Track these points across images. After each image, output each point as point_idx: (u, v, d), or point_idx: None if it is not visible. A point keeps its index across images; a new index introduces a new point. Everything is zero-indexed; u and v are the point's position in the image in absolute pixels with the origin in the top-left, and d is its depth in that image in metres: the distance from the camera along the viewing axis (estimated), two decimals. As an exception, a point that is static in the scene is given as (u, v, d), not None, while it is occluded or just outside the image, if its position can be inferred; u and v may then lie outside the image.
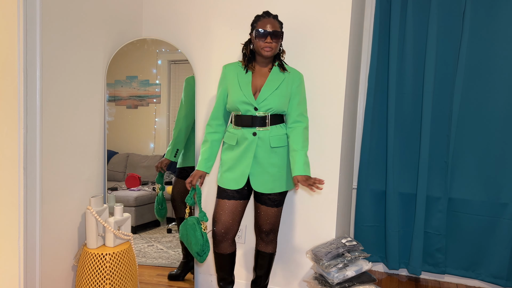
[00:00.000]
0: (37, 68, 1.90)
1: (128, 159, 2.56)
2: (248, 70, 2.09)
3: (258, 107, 2.04)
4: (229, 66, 2.15)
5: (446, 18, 2.69)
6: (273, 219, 2.16)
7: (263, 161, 2.05)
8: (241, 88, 2.05)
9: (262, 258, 2.24)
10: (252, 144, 2.04)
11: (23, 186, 1.85)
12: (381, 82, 2.88)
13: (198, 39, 2.54)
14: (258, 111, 2.04)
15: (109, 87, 2.42)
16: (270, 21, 2.02)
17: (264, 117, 2.05)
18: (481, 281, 2.80)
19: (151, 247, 2.66)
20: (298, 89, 2.10)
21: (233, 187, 2.07)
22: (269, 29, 2.00)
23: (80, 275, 2.11)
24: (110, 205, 2.38)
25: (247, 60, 2.11)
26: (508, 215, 2.65)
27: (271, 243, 2.22)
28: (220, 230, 2.08)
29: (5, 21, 1.78)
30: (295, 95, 2.09)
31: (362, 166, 2.93)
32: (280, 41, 2.05)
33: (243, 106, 2.04)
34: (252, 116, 2.05)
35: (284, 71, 2.09)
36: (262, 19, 2.04)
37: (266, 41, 2.00)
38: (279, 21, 2.07)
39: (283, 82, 2.06)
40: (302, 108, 2.11)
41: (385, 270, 3.06)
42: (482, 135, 2.70)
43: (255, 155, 2.05)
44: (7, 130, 1.82)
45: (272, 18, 2.05)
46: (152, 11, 2.65)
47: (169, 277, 2.56)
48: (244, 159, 2.05)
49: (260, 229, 2.18)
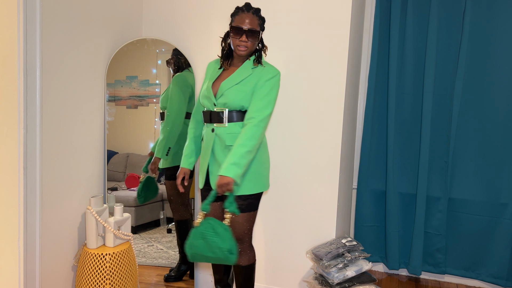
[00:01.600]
0: (37, 68, 1.90)
1: (128, 159, 2.56)
2: (221, 67, 1.98)
3: (216, 102, 1.92)
4: (211, 63, 2.09)
5: (446, 18, 2.69)
6: (240, 226, 1.94)
7: (220, 159, 1.89)
8: (207, 84, 1.98)
9: (237, 270, 2.06)
10: (210, 141, 1.93)
11: (23, 186, 1.85)
12: (381, 82, 2.88)
13: (198, 39, 2.54)
14: (216, 107, 1.92)
15: (109, 87, 2.42)
16: (249, 17, 1.85)
17: (221, 113, 1.91)
18: (481, 281, 2.80)
19: (151, 247, 2.66)
20: (265, 84, 1.87)
21: (200, 185, 2.02)
22: (245, 27, 1.84)
23: (80, 275, 2.11)
24: (110, 205, 2.38)
25: (225, 56, 1.97)
26: (508, 215, 2.65)
27: (243, 255, 2.00)
28: None
29: (5, 21, 1.78)
30: (259, 89, 1.87)
31: (362, 166, 2.93)
32: (256, 40, 1.89)
33: (205, 102, 1.96)
34: (211, 111, 1.94)
35: (257, 65, 1.91)
36: (241, 14, 1.86)
37: (241, 39, 1.85)
38: (259, 16, 1.90)
39: (249, 77, 1.89)
40: (262, 103, 1.86)
41: (385, 270, 3.06)
42: (482, 135, 2.70)
43: (212, 152, 1.92)
44: (7, 130, 1.82)
45: (252, 13, 1.87)
46: (152, 11, 2.65)
47: (166, 278, 2.56)
48: (205, 156, 1.97)
49: None
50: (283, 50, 2.39)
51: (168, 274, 2.56)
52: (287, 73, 2.39)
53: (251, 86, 1.89)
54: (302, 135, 2.39)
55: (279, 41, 2.39)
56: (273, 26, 2.39)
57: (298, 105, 2.39)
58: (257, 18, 1.89)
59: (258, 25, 1.90)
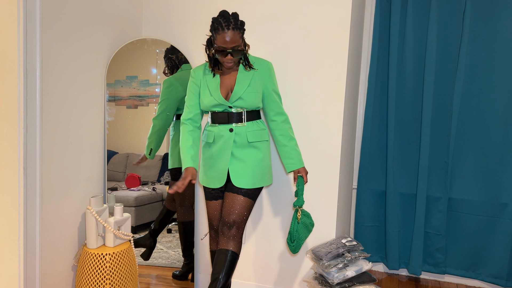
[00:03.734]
0: (37, 68, 1.90)
1: (128, 159, 2.56)
2: (215, 74, 2.05)
3: (232, 105, 2.02)
4: (196, 71, 2.09)
5: (446, 18, 2.69)
6: (240, 208, 2.00)
7: (241, 157, 2.02)
8: (211, 94, 2.01)
9: (221, 257, 1.95)
10: (228, 140, 2.02)
11: (23, 186, 1.85)
12: (381, 82, 2.88)
13: (198, 39, 2.54)
14: (233, 108, 2.03)
15: (109, 87, 2.42)
16: (229, 35, 1.86)
17: (240, 113, 2.02)
18: (481, 281, 2.80)
19: (151, 247, 2.66)
20: (269, 80, 2.06)
21: (216, 185, 2.06)
22: (229, 46, 1.88)
23: (80, 275, 2.11)
24: (110, 205, 2.38)
25: (213, 63, 2.02)
26: (508, 215, 2.65)
27: (233, 240, 1.98)
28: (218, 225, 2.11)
29: (5, 21, 1.78)
30: (270, 85, 2.06)
31: (362, 166, 2.93)
32: (241, 52, 1.95)
33: (217, 108, 2.03)
34: (228, 113, 2.03)
35: (251, 69, 2.03)
36: (221, 33, 1.86)
37: (226, 57, 1.92)
38: (239, 27, 1.89)
39: (253, 77, 2.02)
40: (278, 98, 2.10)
41: (385, 270, 3.06)
42: (482, 135, 2.70)
43: (232, 151, 2.02)
44: (7, 130, 1.82)
45: (232, 29, 1.86)
46: (152, 11, 2.65)
47: (173, 276, 2.58)
48: (222, 156, 2.03)
49: (223, 221, 2.00)
50: (283, 50, 2.39)
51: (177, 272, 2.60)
52: (287, 73, 2.39)
53: (259, 85, 2.04)
54: (302, 135, 2.39)
55: (279, 41, 2.39)
56: (273, 26, 2.39)
57: (298, 105, 2.39)
58: (237, 32, 1.89)
59: (240, 37, 1.92)
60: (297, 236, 2.06)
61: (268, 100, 2.08)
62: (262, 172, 2.07)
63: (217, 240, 2.13)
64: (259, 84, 2.03)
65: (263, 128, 2.10)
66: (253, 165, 2.04)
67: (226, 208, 2.03)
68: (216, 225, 2.13)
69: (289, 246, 2.09)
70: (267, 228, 2.52)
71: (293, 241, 2.06)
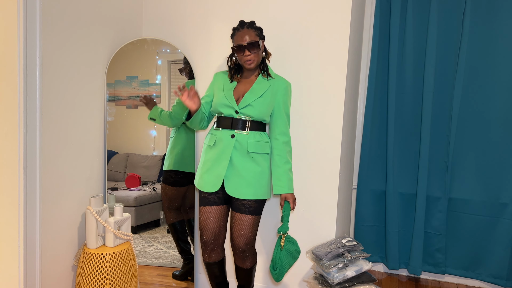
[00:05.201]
0: (37, 68, 1.90)
1: (128, 159, 2.56)
2: (233, 80, 2.09)
3: (240, 111, 2.01)
4: (219, 74, 2.18)
5: (446, 18, 2.69)
6: (247, 229, 2.03)
7: (238, 165, 2.00)
8: (225, 93, 2.05)
9: (241, 272, 2.16)
10: (228, 146, 2.00)
11: (23, 186, 1.85)
12: (381, 82, 2.88)
13: (198, 39, 2.55)
14: (239, 114, 2.02)
15: (109, 87, 2.42)
16: (245, 33, 1.98)
17: (244, 121, 2.02)
18: (481, 281, 2.81)
19: (151, 247, 2.66)
20: (283, 99, 2.06)
21: (210, 189, 2.02)
22: (244, 42, 1.97)
23: (80, 275, 2.11)
24: (110, 205, 2.38)
25: (233, 72, 2.11)
26: (508, 215, 2.65)
27: (247, 259, 2.11)
28: (210, 238, 2.05)
29: (5, 21, 1.78)
30: (282, 103, 2.06)
31: (362, 166, 2.93)
32: (259, 50, 2.01)
33: (225, 109, 2.04)
34: (233, 118, 2.03)
35: (269, 77, 2.07)
36: (237, 33, 2.01)
37: (244, 54, 1.98)
38: (255, 28, 2.02)
39: (268, 90, 2.03)
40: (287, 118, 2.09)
41: (385, 270, 3.06)
42: (482, 135, 2.70)
43: (231, 157, 2.00)
44: (7, 130, 1.82)
45: (247, 28, 2.00)
46: (152, 11, 2.65)
47: (173, 276, 2.58)
48: (221, 161, 2.01)
49: (234, 245, 2.06)
50: (283, 50, 2.39)
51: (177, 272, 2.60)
52: (287, 74, 2.39)
53: (271, 100, 2.04)
54: (302, 135, 2.39)
55: (279, 41, 2.39)
56: (273, 26, 2.39)
57: (298, 105, 2.39)
58: (253, 30, 2.00)
59: (256, 35, 2.01)
60: (279, 264, 2.01)
61: (276, 117, 2.07)
62: (258, 184, 2.02)
63: (209, 252, 2.08)
64: (271, 99, 2.04)
65: (266, 141, 2.05)
66: (249, 176, 2.00)
67: (236, 229, 2.04)
68: (207, 237, 2.06)
69: (272, 274, 2.03)
70: (266, 229, 2.52)
71: (275, 269, 2.01)
